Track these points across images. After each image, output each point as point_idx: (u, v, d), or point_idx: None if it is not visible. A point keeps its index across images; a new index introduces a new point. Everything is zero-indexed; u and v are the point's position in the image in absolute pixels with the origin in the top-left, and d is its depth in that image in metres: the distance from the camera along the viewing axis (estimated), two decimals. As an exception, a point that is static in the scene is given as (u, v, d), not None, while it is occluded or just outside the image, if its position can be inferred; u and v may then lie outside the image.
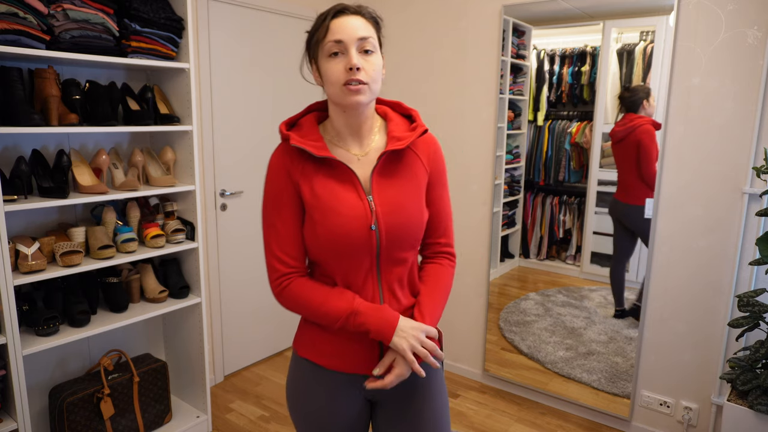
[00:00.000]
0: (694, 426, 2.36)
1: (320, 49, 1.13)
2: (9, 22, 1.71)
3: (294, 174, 1.16)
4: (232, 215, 2.96)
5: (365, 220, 1.13)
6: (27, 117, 1.81)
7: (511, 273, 3.19)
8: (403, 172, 1.19)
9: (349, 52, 1.09)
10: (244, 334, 3.12)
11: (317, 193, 1.14)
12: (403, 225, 1.16)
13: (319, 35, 1.12)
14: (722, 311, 2.21)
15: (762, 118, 2.05)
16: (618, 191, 2.69)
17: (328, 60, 1.11)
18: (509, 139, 2.93)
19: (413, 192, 1.19)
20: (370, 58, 1.12)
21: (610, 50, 2.66)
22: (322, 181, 1.15)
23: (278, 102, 3.12)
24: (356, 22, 1.11)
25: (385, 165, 1.18)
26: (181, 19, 2.19)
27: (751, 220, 2.11)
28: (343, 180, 1.16)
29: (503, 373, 2.92)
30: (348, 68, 1.09)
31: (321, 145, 1.16)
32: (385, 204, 1.15)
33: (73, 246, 1.97)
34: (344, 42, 1.09)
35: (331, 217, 1.13)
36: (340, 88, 1.10)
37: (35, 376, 2.17)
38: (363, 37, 1.10)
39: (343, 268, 1.16)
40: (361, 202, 1.14)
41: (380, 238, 1.14)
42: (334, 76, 1.11)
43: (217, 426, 2.59)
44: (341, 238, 1.12)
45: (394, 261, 1.18)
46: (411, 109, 1.27)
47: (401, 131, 1.20)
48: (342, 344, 1.19)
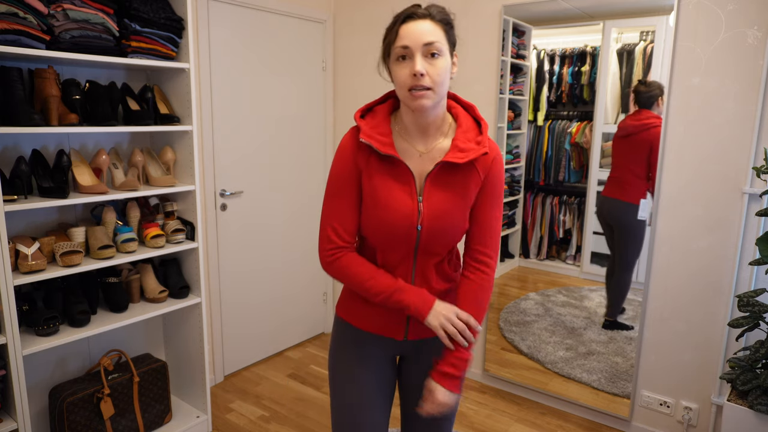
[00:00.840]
0: (694, 426, 2.36)
1: (391, 52, 1.19)
2: (9, 22, 1.71)
3: (360, 161, 1.27)
4: (232, 215, 2.96)
5: (412, 220, 1.24)
6: (27, 117, 1.80)
7: (511, 273, 3.19)
8: (456, 183, 1.26)
9: (414, 58, 1.15)
10: (244, 334, 3.12)
11: (375, 184, 1.25)
12: (443, 230, 1.26)
13: (389, 39, 1.19)
14: (722, 311, 2.21)
15: (762, 118, 2.05)
16: (609, 187, 2.65)
17: (396, 63, 1.18)
18: (509, 139, 2.93)
19: (461, 202, 1.27)
20: (436, 62, 1.17)
21: (610, 50, 2.66)
22: (381, 174, 1.25)
23: (278, 102, 3.12)
24: (424, 27, 1.16)
25: (440, 172, 1.25)
26: (181, 19, 2.19)
27: (751, 220, 2.11)
28: (401, 178, 1.25)
29: (503, 373, 2.92)
30: (413, 74, 1.15)
31: (388, 141, 1.25)
32: (432, 209, 1.25)
33: (73, 246, 1.97)
34: (410, 47, 1.15)
35: (382, 210, 1.24)
36: (406, 92, 1.18)
37: (35, 376, 2.17)
38: (429, 42, 1.15)
39: (384, 249, 1.30)
40: (412, 202, 1.25)
41: (421, 236, 1.26)
42: (401, 80, 1.18)
43: (217, 426, 2.59)
44: (388, 229, 1.25)
45: (430, 254, 1.30)
46: (482, 118, 1.33)
47: (466, 141, 1.26)
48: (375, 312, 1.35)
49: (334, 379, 1.45)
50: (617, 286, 2.65)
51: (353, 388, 1.39)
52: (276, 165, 3.15)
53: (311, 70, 3.29)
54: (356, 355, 1.40)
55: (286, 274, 3.31)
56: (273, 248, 3.19)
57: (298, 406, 2.77)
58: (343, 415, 1.41)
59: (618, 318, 2.77)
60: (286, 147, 3.19)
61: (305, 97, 3.29)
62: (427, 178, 1.25)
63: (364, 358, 1.40)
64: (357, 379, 1.39)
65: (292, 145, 3.22)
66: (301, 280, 3.41)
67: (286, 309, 3.36)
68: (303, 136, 3.31)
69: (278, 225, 3.21)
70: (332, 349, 1.47)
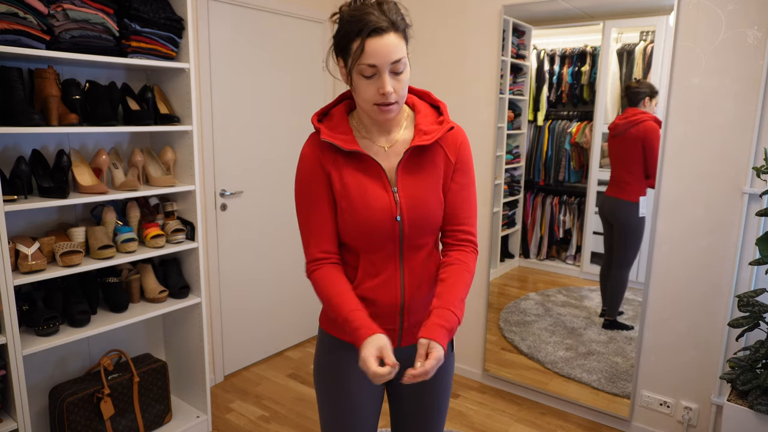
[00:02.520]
0: (694, 426, 2.36)
1: (354, 65, 1.14)
2: (9, 22, 1.71)
3: (325, 164, 1.23)
4: (232, 215, 2.96)
5: (390, 212, 1.21)
6: (27, 117, 1.80)
7: (511, 273, 3.19)
8: (427, 165, 1.24)
9: (383, 77, 1.13)
10: (244, 334, 3.12)
11: (346, 183, 1.22)
12: (424, 217, 1.23)
13: (353, 52, 1.12)
14: (722, 311, 2.21)
15: (762, 118, 2.05)
16: (609, 187, 2.67)
17: (362, 79, 1.15)
18: (509, 139, 2.93)
19: (435, 185, 1.25)
20: (401, 77, 1.16)
21: (610, 50, 2.66)
22: (350, 172, 1.22)
23: (278, 102, 3.12)
24: (390, 42, 1.12)
25: (410, 158, 1.23)
26: (181, 19, 2.19)
27: (751, 220, 2.11)
28: (371, 172, 1.22)
29: (503, 373, 2.92)
30: (381, 93, 1.14)
31: (350, 138, 1.22)
32: (409, 197, 1.22)
33: (73, 246, 1.97)
34: (378, 67, 1.12)
35: (358, 208, 1.21)
36: (371, 106, 1.17)
37: (35, 376, 2.17)
38: (396, 60, 1.13)
39: (367, 250, 1.25)
40: (387, 195, 1.22)
41: (403, 228, 1.22)
42: (367, 95, 1.16)
43: (217, 426, 2.59)
44: (367, 227, 1.21)
45: (415, 248, 1.26)
46: (439, 100, 1.31)
47: (428, 124, 1.25)
48: None
49: (322, 396, 1.37)
50: (615, 283, 2.65)
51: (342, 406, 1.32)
52: (276, 165, 3.15)
53: (311, 70, 3.29)
54: (344, 371, 1.31)
55: (286, 274, 3.31)
56: (273, 248, 3.19)
57: (298, 406, 2.77)
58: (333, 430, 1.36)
59: (617, 318, 2.77)
60: (286, 147, 3.19)
61: (305, 97, 3.29)
62: (398, 166, 1.22)
63: (352, 374, 1.30)
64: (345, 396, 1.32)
65: (292, 145, 3.22)
66: (301, 280, 3.41)
67: (286, 309, 3.36)
68: (303, 136, 3.30)
69: (278, 225, 3.21)
70: (316, 366, 1.38)
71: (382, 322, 1.25)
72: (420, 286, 1.28)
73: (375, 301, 1.26)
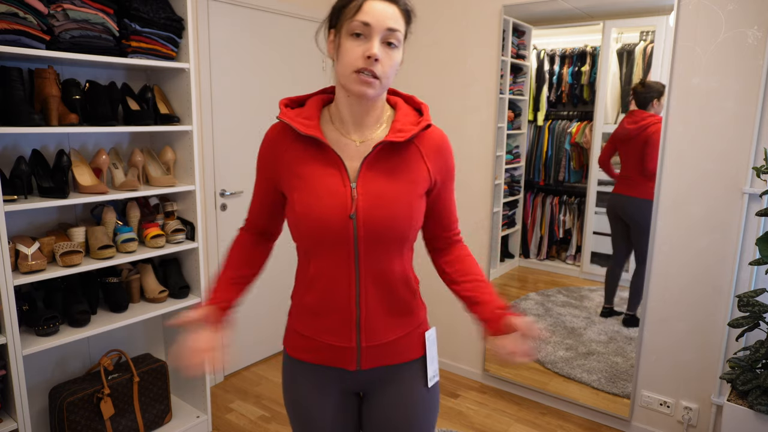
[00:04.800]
0: (694, 426, 2.36)
1: (345, 24, 1.06)
2: (9, 22, 1.71)
3: (279, 151, 1.17)
4: (232, 215, 2.96)
5: (344, 208, 1.09)
6: (27, 117, 1.80)
7: (511, 273, 3.19)
8: (399, 166, 1.14)
9: (372, 39, 1.04)
10: (244, 334, 3.12)
11: (299, 173, 1.13)
12: (386, 218, 1.10)
13: (348, 10, 1.05)
14: (722, 311, 2.21)
15: (762, 118, 2.05)
16: (620, 185, 2.66)
17: (349, 39, 1.05)
18: (509, 139, 2.93)
19: (405, 188, 1.13)
20: (391, 53, 1.07)
21: (610, 50, 2.66)
22: (306, 161, 1.13)
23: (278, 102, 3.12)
24: (389, 10, 1.05)
25: (380, 156, 1.13)
26: (181, 19, 2.19)
27: (751, 220, 2.11)
28: (328, 163, 1.12)
29: (503, 373, 2.92)
30: (366, 56, 1.03)
31: (312, 124, 1.13)
32: (369, 194, 1.10)
33: (73, 246, 1.97)
34: (371, 26, 1.03)
35: (309, 199, 1.11)
36: (351, 73, 1.05)
37: (35, 376, 2.17)
38: (391, 29, 1.05)
39: (316, 252, 1.14)
40: (344, 189, 1.10)
41: (358, 229, 1.09)
42: (350, 58, 1.05)
43: (217, 426, 2.59)
44: (318, 221, 1.10)
45: (375, 261, 1.13)
46: (422, 103, 1.23)
47: (405, 123, 1.15)
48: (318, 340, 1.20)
49: (292, 420, 1.30)
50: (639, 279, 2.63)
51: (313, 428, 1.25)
52: (276, 165, 3.15)
53: (311, 70, 3.29)
54: (312, 394, 1.23)
55: (286, 273, 3.31)
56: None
57: (298, 406, 2.77)
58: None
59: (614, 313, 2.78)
60: (286, 147, 3.19)
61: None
62: (364, 161, 1.11)
63: (320, 397, 1.23)
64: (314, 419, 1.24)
65: (292, 145, 3.22)
66: (301, 280, 3.41)
67: (287, 309, 3.35)
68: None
69: (278, 225, 3.21)
70: (285, 392, 1.30)
71: (336, 338, 1.17)
72: (382, 301, 1.16)
73: (325, 311, 1.17)
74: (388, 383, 1.23)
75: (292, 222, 1.18)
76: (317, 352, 1.20)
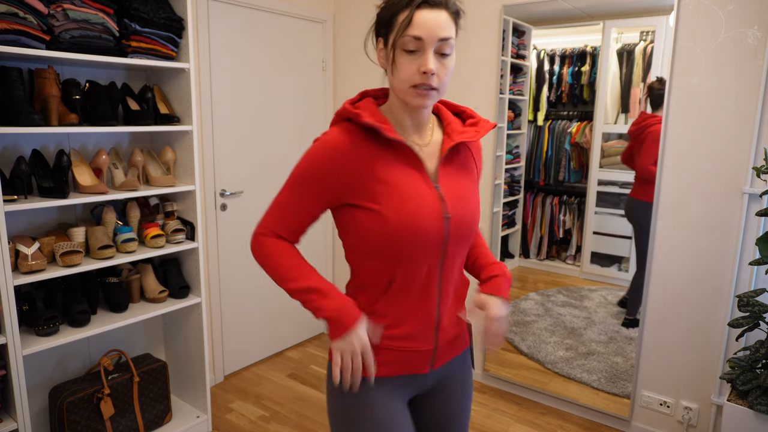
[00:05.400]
0: (694, 426, 2.36)
1: (397, 39, 1.04)
2: (9, 22, 1.71)
3: (359, 159, 1.07)
4: (232, 215, 2.96)
5: (437, 210, 1.09)
6: (27, 117, 1.80)
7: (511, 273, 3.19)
8: (463, 166, 1.19)
9: (426, 54, 1.02)
10: (244, 334, 3.12)
11: (384, 178, 1.07)
12: (470, 216, 1.14)
13: (398, 23, 1.03)
14: (722, 311, 2.21)
15: (762, 118, 2.05)
16: (633, 189, 2.65)
17: (403, 55, 1.04)
18: (509, 139, 2.93)
19: (473, 187, 1.20)
20: (445, 62, 1.06)
21: (610, 50, 2.66)
22: (389, 165, 1.09)
23: (279, 101, 3.12)
24: (441, 18, 1.03)
25: (449, 157, 1.16)
26: (181, 19, 2.19)
27: (751, 220, 2.11)
28: (410, 166, 1.10)
29: (503, 373, 2.92)
30: (422, 71, 1.03)
31: (389, 127, 1.09)
32: (453, 195, 1.12)
33: (73, 246, 1.97)
34: (424, 40, 1.02)
35: (403, 204, 1.06)
36: (408, 88, 1.05)
37: (35, 376, 2.17)
38: (444, 39, 1.04)
39: (410, 261, 1.09)
40: (431, 191, 1.10)
41: (450, 229, 1.10)
42: (406, 74, 1.04)
43: (217, 426, 2.59)
44: (414, 225, 1.06)
45: (456, 259, 1.16)
46: (463, 106, 1.25)
47: (457, 125, 1.19)
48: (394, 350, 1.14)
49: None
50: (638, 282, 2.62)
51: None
52: (276, 165, 3.15)
53: (311, 70, 3.29)
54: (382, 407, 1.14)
55: (286, 274, 3.31)
56: (273, 248, 3.18)
57: (298, 406, 2.77)
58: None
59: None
60: (286, 147, 3.19)
61: (305, 97, 3.29)
62: (440, 163, 1.13)
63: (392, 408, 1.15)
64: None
65: (292, 144, 3.22)
66: (301, 280, 3.41)
67: (287, 309, 3.36)
68: (303, 136, 3.30)
69: (278, 225, 3.20)
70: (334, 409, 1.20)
71: (416, 343, 1.14)
72: (452, 299, 1.19)
73: (407, 319, 1.13)
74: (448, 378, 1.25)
75: (372, 232, 1.08)
76: (389, 365, 1.15)
